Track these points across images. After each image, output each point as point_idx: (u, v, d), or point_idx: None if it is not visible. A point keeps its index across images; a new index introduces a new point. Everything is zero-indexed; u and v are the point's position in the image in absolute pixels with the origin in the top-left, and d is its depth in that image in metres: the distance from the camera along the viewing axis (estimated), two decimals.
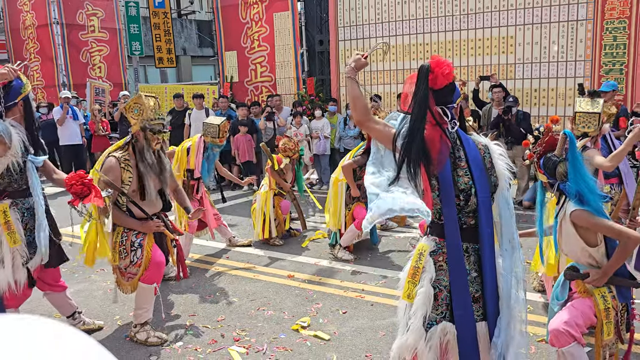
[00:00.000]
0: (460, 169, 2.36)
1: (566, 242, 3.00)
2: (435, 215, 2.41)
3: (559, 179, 2.98)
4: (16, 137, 3.44)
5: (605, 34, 8.31)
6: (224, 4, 12.13)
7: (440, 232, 2.41)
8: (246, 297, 4.72)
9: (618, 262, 2.86)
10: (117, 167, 3.70)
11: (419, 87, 2.34)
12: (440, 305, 2.38)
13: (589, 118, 4.17)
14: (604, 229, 2.84)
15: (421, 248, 2.46)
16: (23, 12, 14.23)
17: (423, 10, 9.72)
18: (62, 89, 13.64)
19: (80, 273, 5.40)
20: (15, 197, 3.56)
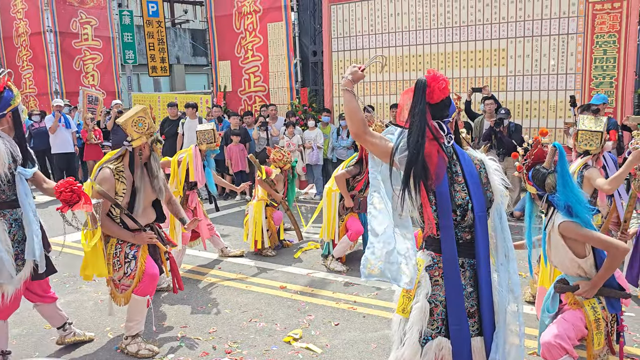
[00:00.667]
0: (457, 184, 2.38)
1: (555, 254, 3.03)
2: (432, 230, 2.41)
3: (547, 191, 3.00)
4: (3, 147, 3.39)
5: (595, 48, 8.42)
6: (218, 14, 12.18)
7: (436, 247, 2.42)
8: (238, 308, 4.70)
9: (607, 274, 2.89)
10: (111, 178, 3.70)
11: (417, 101, 2.36)
12: (436, 321, 2.38)
13: (592, 136, 4.20)
14: (592, 240, 2.87)
15: (417, 262, 2.45)
16: (16, 20, 14.20)
17: (416, 22, 9.80)
18: (54, 96, 13.60)
19: (71, 284, 5.36)
20: (3, 208, 3.51)
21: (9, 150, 3.45)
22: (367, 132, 2.44)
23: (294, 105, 11.16)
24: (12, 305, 3.57)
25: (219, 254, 6.29)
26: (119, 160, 3.82)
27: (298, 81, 11.53)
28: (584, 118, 4.33)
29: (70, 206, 3.30)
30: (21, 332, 4.29)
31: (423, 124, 2.32)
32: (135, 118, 3.77)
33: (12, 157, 3.48)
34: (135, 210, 3.83)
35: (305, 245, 6.63)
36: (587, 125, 4.24)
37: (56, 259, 3.85)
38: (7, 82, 3.59)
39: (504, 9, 8.99)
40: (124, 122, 3.75)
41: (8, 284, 3.45)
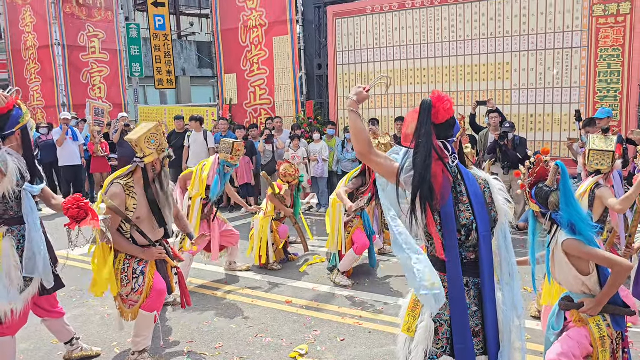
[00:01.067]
0: (462, 204, 2.40)
1: (559, 271, 3.03)
2: (437, 249, 2.42)
3: (551, 209, 3.01)
4: (12, 165, 3.45)
5: (599, 61, 8.45)
6: (224, 28, 12.29)
7: (441, 266, 2.42)
8: (244, 323, 4.71)
9: (611, 291, 2.89)
10: (122, 193, 3.74)
11: (423, 122, 2.37)
12: (441, 340, 2.39)
13: (603, 156, 4.23)
14: (595, 258, 2.87)
15: None
16: (25, 33, 14.37)
17: (420, 36, 9.87)
18: (62, 109, 13.73)
19: (77, 298, 5.39)
20: (11, 225, 3.56)
21: (17, 168, 3.50)
22: (372, 152, 2.46)
23: (300, 118, 11.22)
24: (21, 321, 3.60)
25: (226, 266, 6.31)
26: (129, 177, 3.86)
27: (303, 94, 11.60)
28: (595, 138, 4.35)
29: (78, 222, 3.33)
30: (28, 347, 4.32)
31: (429, 144, 2.33)
32: (148, 135, 3.82)
33: (20, 174, 3.53)
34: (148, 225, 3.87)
35: (311, 258, 6.64)
36: (598, 145, 4.27)
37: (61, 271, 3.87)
38: (17, 100, 3.65)
39: (508, 23, 9.05)
40: (137, 139, 3.79)
41: (15, 301, 3.49)
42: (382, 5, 10.23)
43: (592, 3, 8.34)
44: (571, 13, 8.54)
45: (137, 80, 15.80)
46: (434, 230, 2.37)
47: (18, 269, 3.51)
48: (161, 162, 3.91)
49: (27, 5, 14.19)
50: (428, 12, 9.75)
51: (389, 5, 10.14)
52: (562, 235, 2.93)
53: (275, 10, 11.47)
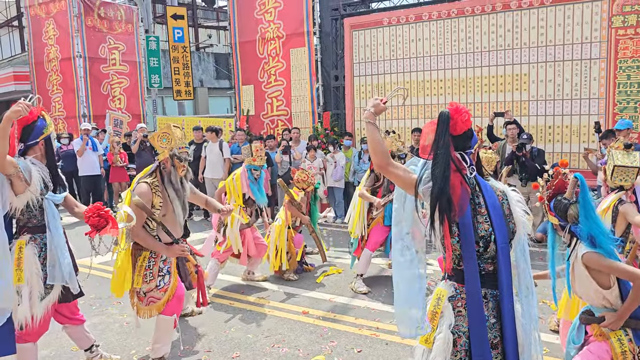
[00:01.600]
0: (480, 215, 2.40)
1: (579, 285, 3.01)
2: (454, 260, 2.43)
3: (570, 222, 2.99)
4: (36, 174, 3.53)
5: (619, 73, 8.38)
6: (242, 40, 12.44)
7: (459, 278, 2.43)
8: (261, 333, 4.73)
9: (633, 305, 2.86)
10: (149, 192, 3.86)
11: (441, 133, 2.39)
12: (459, 352, 2.39)
13: (628, 172, 4.17)
14: (616, 271, 2.85)
15: (439, 293, 2.48)
16: (47, 46, 14.69)
17: (437, 48, 9.88)
18: (82, 120, 13.98)
19: (97, 305, 5.46)
20: (34, 233, 3.63)
21: (41, 177, 3.58)
22: (390, 164, 2.47)
23: (316, 129, 11.28)
24: (42, 327, 3.66)
25: (243, 276, 6.34)
26: (153, 176, 4.01)
27: (320, 105, 11.66)
28: (618, 153, 4.29)
29: (98, 230, 3.40)
30: (49, 353, 4.38)
31: (447, 156, 2.35)
32: (160, 133, 4.04)
33: (44, 183, 3.61)
34: (177, 218, 4.01)
35: (328, 269, 6.64)
36: (622, 161, 4.20)
37: (84, 281, 3.93)
38: (42, 111, 3.73)
39: (526, 35, 9.03)
40: (151, 137, 4.06)
41: (35, 308, 3.54)
42: (398, 17, 10.28)
43: (611, 14, 8.30)
44: (589, 24, 8.49)
45: (155, 91, 16.02)
46: (449, 242, 2.38)
47: (39, 276, 3.57)
48: (170, 161, 4.02)
49: (51, 18, 14.52)
50: (445, 23, 9.77)
51: (406, 17, 10.18)
52: (582, 248, 2.91)
53: (292, 23, 11.59)
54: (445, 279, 2.54)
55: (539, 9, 8.88)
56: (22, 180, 3.46)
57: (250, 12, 12.16)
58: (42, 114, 3.73)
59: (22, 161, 3.53)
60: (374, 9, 11.04)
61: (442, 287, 2.50)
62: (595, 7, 8.45)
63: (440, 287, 2.51)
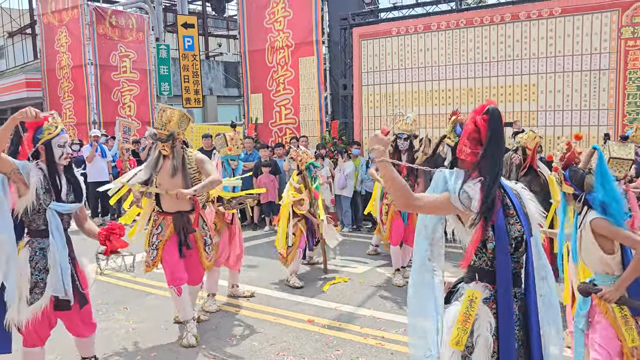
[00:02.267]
0: (510, 217, 2.40)
1: (585, 251, 3.13)
2: (486, 262, 2.41)
3: (586, 190, 3.10)
4: (34, 178, 3.46)
5: (628, 84, 8.35)
6: (251, 49, 12.53)
7: (491, 279, 2.40)
8: (266, 341, 4.72)
9: (632, 275, 2.95)
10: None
11: (496, 132, 2.31)
12: (495, 353, 2.37)
13: (622, 163, 4.21)
14: (620, 237, 2.98)
15: (471, 295, 2.42)
16: (59, 53, 14.87)
17: (446, 58, 9.90)
18: (92, 126, 14.11)
19: (103, 311, 5.48)
20: (33, 237, 3.57)
21: (39, 182, 3.50)
22: (415, 199, 2.38)
23: (324, 138, 11.30)
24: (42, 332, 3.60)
25: (229, 290, 6.04)
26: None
27: (328, 114, 11.70)
28: (614, 145, 4.32)
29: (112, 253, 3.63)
30: (54, 358, 4.40)
31: (501, 155, 2.34)
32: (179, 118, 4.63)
33: (44, 188, 3.54)
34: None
35: (334, 278, 6.63)
36: (617, 152, 4.24)
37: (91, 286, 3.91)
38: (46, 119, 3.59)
39: (534, 45, 9.02)
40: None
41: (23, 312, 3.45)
42: (407, 27, 10.31)
43: (620, 25, 8.28)
44: (599, 35, 8.48)
45: (165, 99, 16.12)
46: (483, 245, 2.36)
47: (27, 281, 3.47)
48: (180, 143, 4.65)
49: (63, 26, 14.71)
50: (454, 33, 9.79)
51: (415, 27, 10.22)
52: (591, 215, 3.05)
53: (301, 32, 11.66)
54: (475, 280, 2.46)
55: (547, 19, 8.88)
56: (21, 182, 3.43)
57: (259, 21, 12.26)
58: (48, 120, 3.62)
59: (23, 162, 3.45)
60: (382, 18, 11.09)
61: (474, 289, 2.43)
62: (604, 18, 8.44)
63: (472, 288, 2.44)
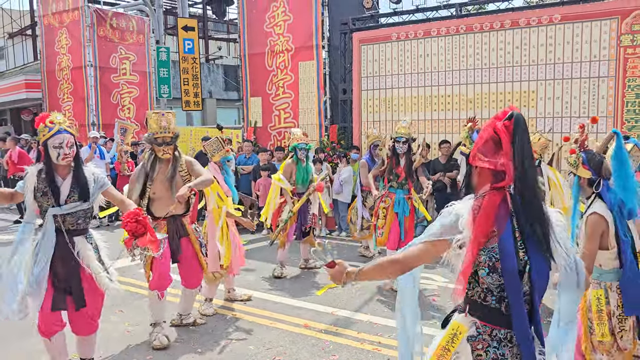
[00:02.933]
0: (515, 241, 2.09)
1: (582, 242, 3.10)
2: (479, 295, 2.05)
3: (604, 175, 3.02)
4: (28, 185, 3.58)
5: (627, 91, 8.36)
6: (251, 52, 12.54)
7: (483, 315, 2.04)
8: (262, 345, 4.70)
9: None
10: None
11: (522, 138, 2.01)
12: None
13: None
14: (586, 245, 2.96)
15: (456, 328, 2.11)
16: (59, 55, 14.89)
17: (445, 64, 9.91)
18: (91, 128, 14.10)
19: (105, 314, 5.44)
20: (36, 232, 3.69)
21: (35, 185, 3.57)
22: (407, 262, 2.12)
23: (323, 142, 11.30)
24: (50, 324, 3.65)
25: (225, 294, 6.00)
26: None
27: (327, 118, 11.70)
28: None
29: (135, 238, 3.39)
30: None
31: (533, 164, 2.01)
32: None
33: (41, 191, 3.57)
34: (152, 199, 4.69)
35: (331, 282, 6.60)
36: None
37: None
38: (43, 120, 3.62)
39: (534, 52, 9.04)
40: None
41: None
42: (407, 32, 10.33)
43: (619, 33, 8.30)
44: (598, 43, 8.50)
45: (164, 101, 16.12)
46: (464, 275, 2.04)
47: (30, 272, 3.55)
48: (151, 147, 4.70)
49: (64, 28, 14.73)
50: (453, 39, 9.81)
51: (414, 33, 10.23)
52: (593, 208, 3.00)
53: (301, 36, 11.68)
54: (465, 312, 2.12)
55: (547, 26, 8.90)
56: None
57: (260, 25, 12.28)
58: (45, 121, 3.62)
59: (20, 183, 3.66)
60: (382, 23, 11.13)
61: (460, 322, 2.12)
62: (604, 25, 8.46)
63: (458, 321, 2.13)
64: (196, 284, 4.99)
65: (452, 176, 8.77)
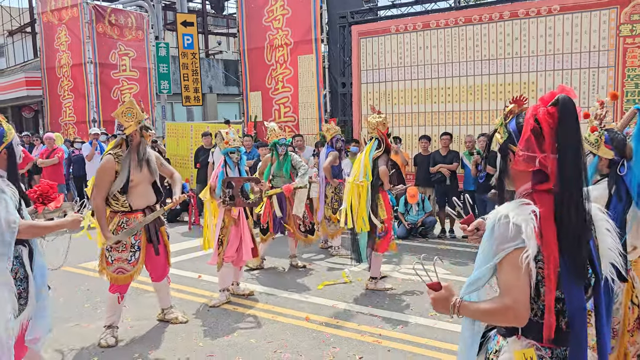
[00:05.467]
0: None
1: None
2: (537, 312, 1.76)
3: (627, 155, 2.82)
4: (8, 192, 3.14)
5: (627, 81, 8.35)
6: (250, 47, 12.54)
7: (536, 335, 1.76)
8: (263, 338, 4.74)
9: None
10: (112, 162, 4.49)
11: (569, 126, 1.69)
12: None
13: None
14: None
15: (524, 356, 1.76)
16: (59, 52, 14.90)
17: (445, 56, 9.90)
18: (92, 125, 14.14)
19: (102, 309, 5.48)
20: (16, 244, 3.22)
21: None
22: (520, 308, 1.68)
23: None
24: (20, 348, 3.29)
25: (230, 287, 5.94)
26: (119, 147, 4.60)
27: (327, 112, 11.71)
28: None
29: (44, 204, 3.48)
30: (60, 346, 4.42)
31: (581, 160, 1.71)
32: (124, 109, 4.54)
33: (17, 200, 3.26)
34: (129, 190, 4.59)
35: (328, 276, 6.65)
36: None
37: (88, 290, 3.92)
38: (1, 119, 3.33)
39: (533, 43, 9.03)
40: (116, 114, 4.56)
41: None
42: (406, 25, 10.32)
43: (618, 23, 8.28)
44: (597, 33, 8.48)
45: (165, 97, 16.15)
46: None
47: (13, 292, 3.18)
48: (140, 133, 4.58)
49: (63, 25, 14.73)
50: (452, 31, 9.79)
51: (413, 25, 10.22)
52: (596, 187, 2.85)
53: (300, 30, 11.67)
54: (515, 334, 1.80)
55: (546, 17, 8.88)
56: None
57: (258, 20, 12.27)
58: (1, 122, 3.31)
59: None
60: (381, 16, 11.11)
61: (523, 349, 1.77)
62: (603, 15, 8.44)
63: (518, 349, 1.78)
64: (163, 276, 4.97)
65: (452, 168, 8.78)
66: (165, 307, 5.18)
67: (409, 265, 6.95)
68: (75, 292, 6.09)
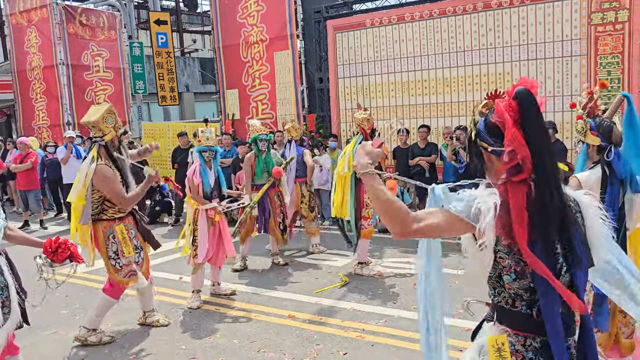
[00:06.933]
0: None
1: None
2: (507, 300, 1.81)
3: (614, 141, 2.86)
4: None
5: (599, 69, 8.46)
6: (225, 44, 12.41)
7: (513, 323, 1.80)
8: (247, 338, 4.71)
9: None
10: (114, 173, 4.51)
11: (531, 117, 1.73)
12: None
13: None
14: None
15: (495, 342, 1.81)
16: (30, 54, 14.57)
17: (420, 48, 9.92)
18: (66, 128, 13.87)
19: (81, 315, 5.39)
20: None
21: None
22: (413, 220, 1.77)
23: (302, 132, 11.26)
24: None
25: (211, 288, 5.94)
26: (100, 158, 4.49)
27: (305, 108, 11.66)
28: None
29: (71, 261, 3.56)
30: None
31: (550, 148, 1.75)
32: (105, 115, 4.50)
33: None
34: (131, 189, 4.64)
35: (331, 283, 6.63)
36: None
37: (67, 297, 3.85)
38: None
39: (507, 33, 9.09)
40: (95, 120, 4.42)
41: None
42: (381, 19, 10.31)
43: (590, 12, 8.38)
44: (569, 22, 8.57)
45: (140, 97, 15.92)
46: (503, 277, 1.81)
47: None
48: (118, 139, 4.59)
49: (32, 26, 14.40)
50: (427, 24, 9.81)
51: (388, 19, 10.21)
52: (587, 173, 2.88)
53: (275, 26, 11.57)
54: (492, 320, 1.88)
55: (519, 7, 8.94)
56: None
57: (233, 16, 12.14)
58: None
59: None
60: (356, 10, 11.08)
61: (495, 334, 1.84)
62: (574, 4, 8.52)
63: (493, 334, 1.85)
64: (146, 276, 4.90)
65: (431, 160, 8.82)
66: (147, 310, 5.10)
67: (391, 259, 6.98)
68: (53, 298, 5.97)
